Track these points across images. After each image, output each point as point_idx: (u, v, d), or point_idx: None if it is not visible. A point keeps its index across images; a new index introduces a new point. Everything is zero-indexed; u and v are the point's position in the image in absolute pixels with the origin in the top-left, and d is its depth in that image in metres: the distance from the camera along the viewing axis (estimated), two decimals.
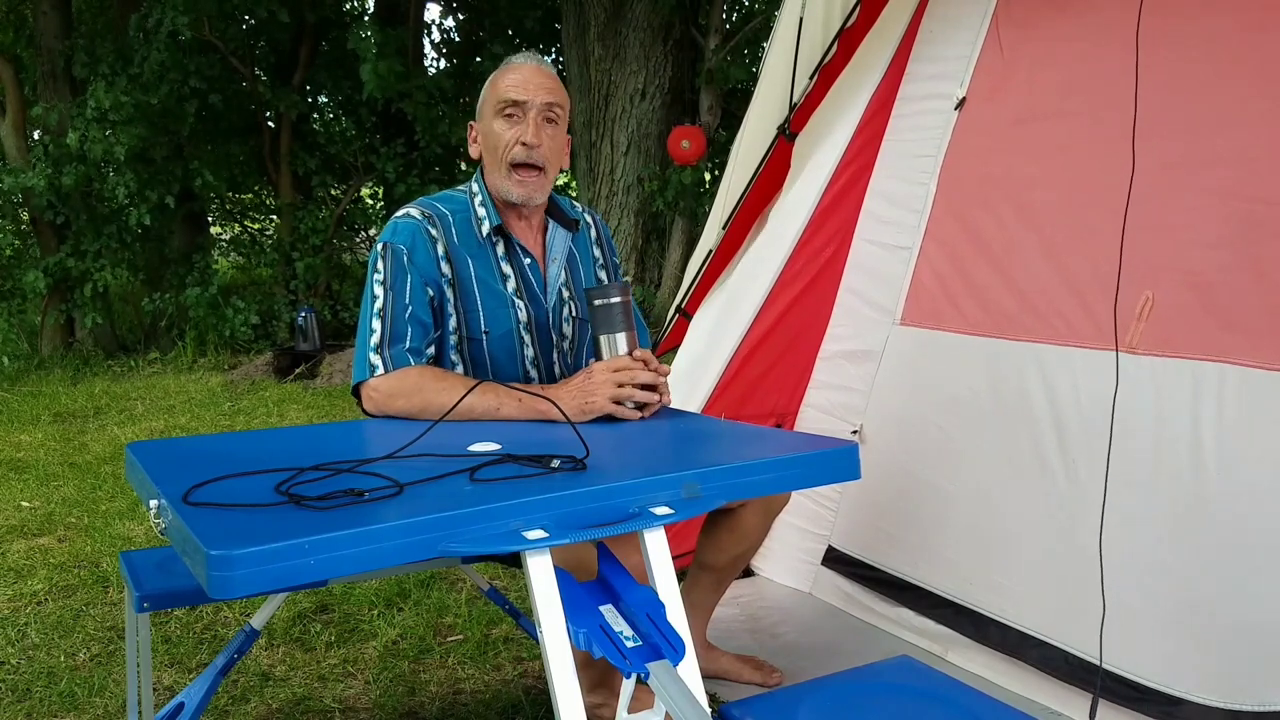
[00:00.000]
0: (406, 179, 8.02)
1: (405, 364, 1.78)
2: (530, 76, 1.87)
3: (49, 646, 2.52)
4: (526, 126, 1.85)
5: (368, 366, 1.79)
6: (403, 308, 1.81)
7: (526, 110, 1.85)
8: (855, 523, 2.64)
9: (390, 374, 1.78)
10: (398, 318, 1.81)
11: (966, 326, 2.41)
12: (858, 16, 2.70)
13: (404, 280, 1.83)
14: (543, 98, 1.86)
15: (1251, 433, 1.85)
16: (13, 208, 7.48)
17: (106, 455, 4.50)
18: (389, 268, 1.84)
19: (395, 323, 1.80)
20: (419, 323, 1.82)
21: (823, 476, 1.49)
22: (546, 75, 1.89)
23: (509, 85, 1.87)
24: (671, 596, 1.25)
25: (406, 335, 1.80)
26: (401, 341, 1.80)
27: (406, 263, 1.84)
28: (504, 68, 1.91)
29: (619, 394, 1.70)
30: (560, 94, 1.90)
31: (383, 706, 2.20)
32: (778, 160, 2.81)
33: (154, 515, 1.21)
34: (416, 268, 1.84)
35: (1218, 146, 1.98)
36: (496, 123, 1.87)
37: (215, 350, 7.35)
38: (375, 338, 1.80)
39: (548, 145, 1.87)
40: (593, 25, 7.02)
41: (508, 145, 1.86)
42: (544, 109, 1.86)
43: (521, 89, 1.86)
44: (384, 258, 1.85)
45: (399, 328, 1.80)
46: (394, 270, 1.83)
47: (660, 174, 7.08)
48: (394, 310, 1.81)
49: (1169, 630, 1.92)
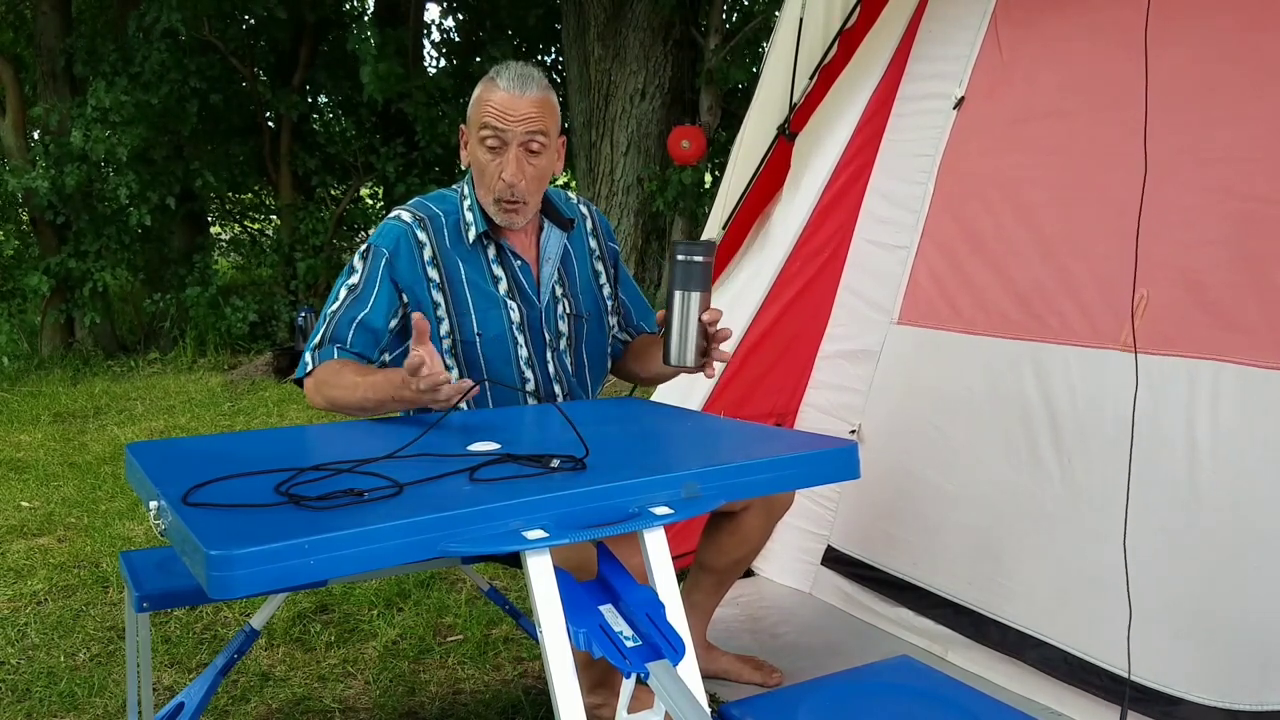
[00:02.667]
0: (406, 179, 8.02)
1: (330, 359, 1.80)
2: (511, 105, 1.79)
3: (49, 646, 2.52)
4: (508, 162, 1.81)
5: (302, 365, 1.84)
6: (353, 315, 1.82)
7: (507, 142, 1.81)
8: (854, 522, 2.64)
9: (315, 369, 1.80)
10: (344, 321, 1.82)
11: (964, 326, 2.41)
12: (858, 17, 2.70)
13: (371, 288, 1.83)
14: (523, 130, 1.79)
15: (1248, 431, 1.85)
16: (14, 208, 7.48)
17: (106, 455, 4.50)
18: (364, 270, 1.85)
19: (339, 324, 1.82)
20: (368, 329, 1.82)
21: (823, 476, 1.49)
22: (529, 102, 1.79)
23: (490, 112, 1.80)
24: (671, 596, 1.26)
25: (347, 338, 1.81)
26: (341, 341, 1.81)
27: (384, 268, 1.84)
28: (489, 83, 1.83)
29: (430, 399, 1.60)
30: (545, 119, 1.82)
31: (383, 706, 2.21)
32: (778, 160, 2.81)
33: (154, 515, 1.21)
34: (396, 274, 1.84)
35: (1215, 145, 1.99)
36: (479, 151, 1.84)
37: (215, 350, 7.35)
38: (317, 337, 1.82)
39: (530, 177, 1.83)
40: (593, 25, 7.02)
41: (492, 178, 1.84)
42: (526, 140, 1.81)
43: (501, 119, 1.79)
44: (364, 258, 1.86)
45: (340, 331, 1.81)
46: (367, 275, 1.84)
47: (660, 174, 7.07)
48: (345, 314, 1.82)
49: (1167, 630, 1.92)
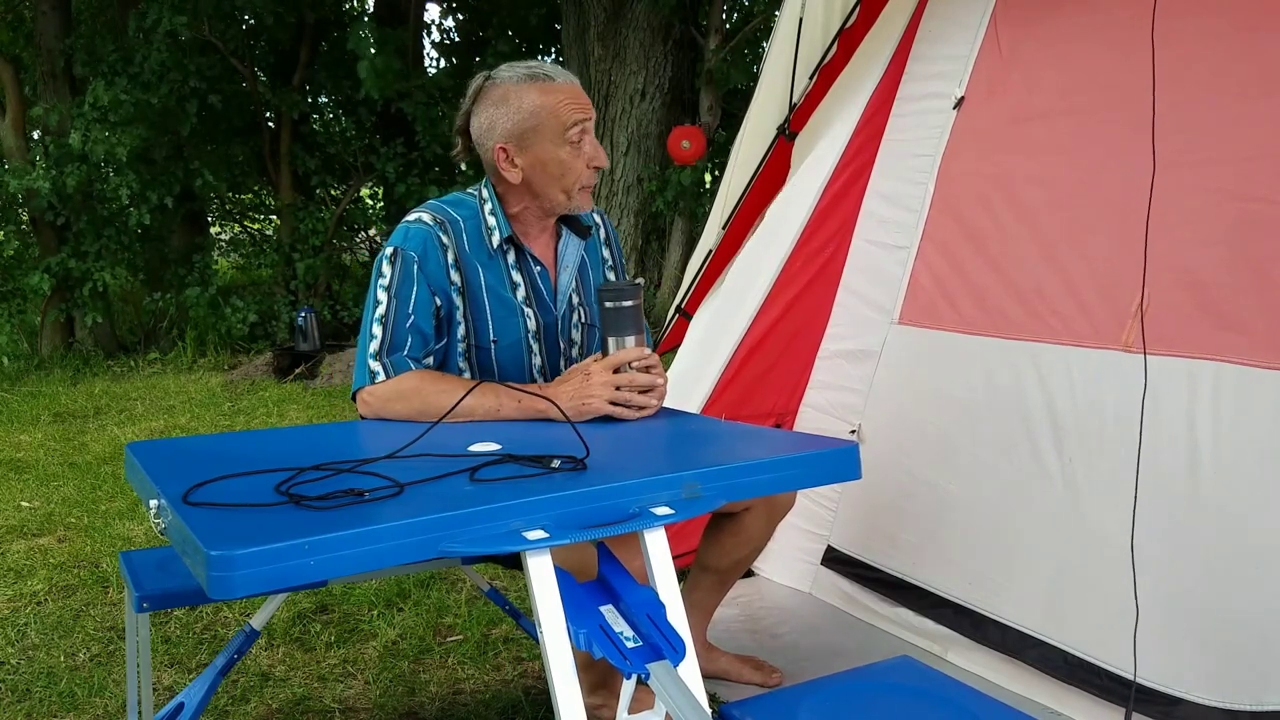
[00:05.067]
0: (406, 179, 8.02)
1: (406, 369, 1.78)
2: (578, 93, 1.84)
3: (49, 646, 2.52)
4: (589, 146, 1.84)
5: (368, 372, 1.79)
6: (404, 316, 1.80)
7: (586, 129, 1.84)
8: (854, 522, 2.64)
9: (390, 379, 1.77)
10: (399, 325, 1.79)
11: (964, 326, 2.41)
12: (857, 16, 2.70)
13: (410, 289, 1.81)
14: (591, 113, 1.85)
15: (1248, 432, 1.85)
16: (14, 209, 7.48)
17: (106, 455, 4.50)
18: (396, 274, 1.82)
19: (396, 330, 1.79)
20: (419, 333, 1.81)
21: (823, 476, 1.49)
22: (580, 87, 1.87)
23: (571, 107, 1.82)
24: (672, 597, 1.25)
25: (406, 344, 1.80)
26: (401, 349, 1.79)
27: (416, 271, 1.82)
28: (544, 83, 1.82)
29: (617, 396, 1.70)
30: None
31: (383, 706, 2.21)
32: (778, 160, 2.81)
33: (154, 515, 1.22)
34: (426, 276, 1.82)
35: (1215, 145, 1.98)
36: (560, 151, 1.82)
37: (215, 350, 7.35)
38: (375, 344, 1.79)
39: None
40: (593, 25, 7.02)
41: (580, 169, 1.84)
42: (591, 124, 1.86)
43: (584, 109, 1.83)
44: (392, 263, 1.83)
45: (399, 335, 1.79)
46: (401, 277, 1.81)
47: (660, 174, 7.07)
48: (396, 317, 1.80)
49: (1166, 630, 1.92)
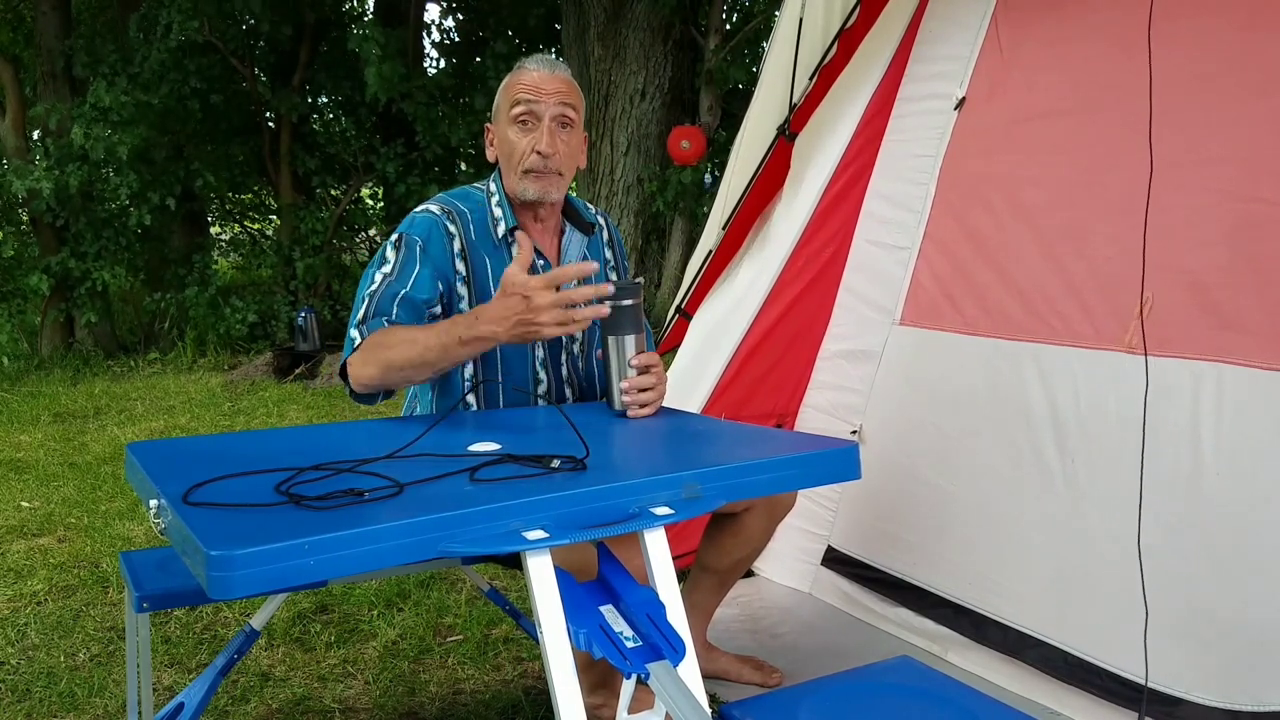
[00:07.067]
0: (406, 179, 8.02)
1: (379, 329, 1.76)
2: (542, 81, 1.84)
3: (49, 646, 2.52)
4: (541, 134, 1.84)
5: (349, 343, 1.78)
6: (395, 291, 1.78)
7: (540, 117, 1.84)
8: (855, 523, 2.64)
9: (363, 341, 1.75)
10: (385, 297, 1.78)
11: (965, 326, 2.41)
12: (858, 17, 2.70)
13: (411, 269, 1.81)
14: (555, 102, 1.84)
15: (1250, 432, 1.85)
16: (14, 209, 7.48)
17: (106, 455, 4.50)
18: (399, 256, 1.82)
19: (381, 301, 1.78)
20: (410, 304, 1.79)
21: (823, 476, 1.49)
22: (560, 80, 1.86)
23: (521, 90, 1.85)
24: (672, 597, 1.25)
25: (391, 313, 1.78)
26: (386, 315, 1.77)
27: (419, 253, 1.82)
28: (517, 71, 1.89)
29: (562, 316, 1.55)
30: (574, 95, 1.88)
31: (383, 707, 2.20)
32: (778, 160, 2.81)
33: (154, 515, 1.21)
34: (430, 259, 1.82)
35: (1216, 145, 1.98)
36: (511, 130, 1.86)
37: (215, 350, 7.35)
38: (358, 315, 1.79)
39: (563, 151, 1.86)
40: (593, 25, 7.01)
41: (523, 153, 1.85)
42: (558, 115, 1.85)
43: (534, 94, 1.84)
44: (396, 247, 1.83)
45: (384, 305, 1.78)
46: (404, 259, 1.82)
47: (660, 174, 7.07)
48: (386, 291, 1.79)
49: (1167, 630, 1.92)
